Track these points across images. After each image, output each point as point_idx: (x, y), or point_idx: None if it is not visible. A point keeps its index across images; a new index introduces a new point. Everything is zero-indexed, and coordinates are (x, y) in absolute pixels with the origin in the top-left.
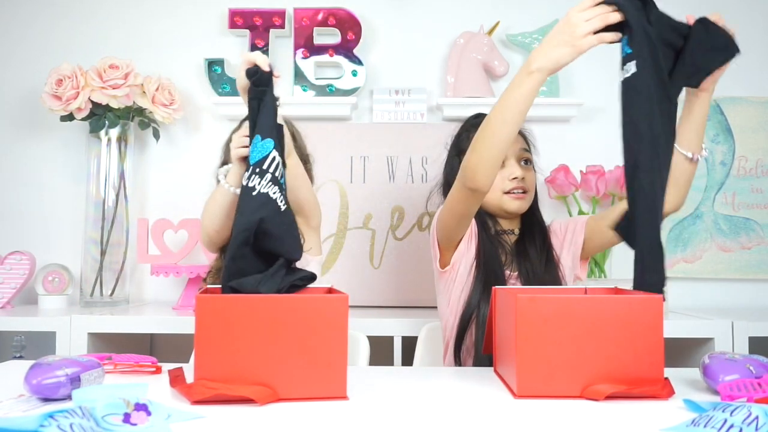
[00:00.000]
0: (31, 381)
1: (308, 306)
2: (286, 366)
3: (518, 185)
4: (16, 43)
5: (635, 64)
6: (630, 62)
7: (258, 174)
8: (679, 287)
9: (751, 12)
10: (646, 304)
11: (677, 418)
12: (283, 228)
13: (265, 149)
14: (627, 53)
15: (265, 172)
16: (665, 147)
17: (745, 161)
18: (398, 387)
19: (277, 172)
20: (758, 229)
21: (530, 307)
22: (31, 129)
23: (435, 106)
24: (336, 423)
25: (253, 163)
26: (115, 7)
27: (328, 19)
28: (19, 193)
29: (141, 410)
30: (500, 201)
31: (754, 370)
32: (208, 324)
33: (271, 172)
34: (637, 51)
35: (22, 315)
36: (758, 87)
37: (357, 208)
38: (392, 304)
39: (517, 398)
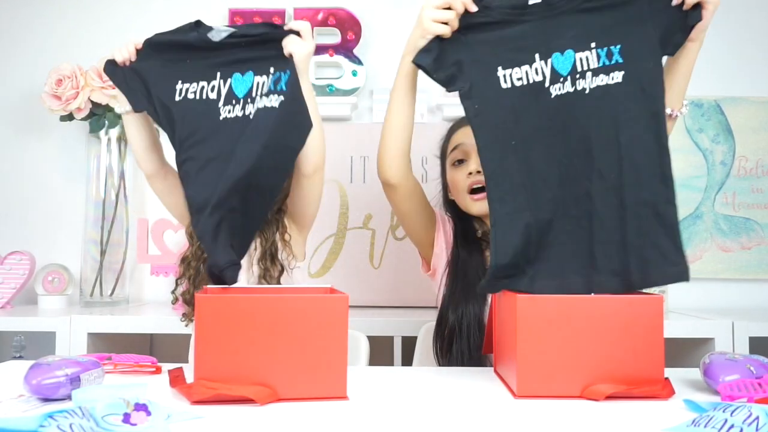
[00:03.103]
0: (31, 381)
1: (308, 306)
2: (286, 366)
3: (475, 180)
4: (16, 43)
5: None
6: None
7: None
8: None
9: (751, 12)
10: (646, 304)
11: (677, 418)
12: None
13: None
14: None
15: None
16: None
17: (746, 161)
18: (398, 387)
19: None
20: (758, 229)
21: (530, 307)
22: (31, 129)
23: (435, 106)
24: (336, 423)
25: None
26: (115, 7)
27: (328, 19)
28: (19, 193)
29: (141, 410)
30: (466, 202)
31: (754, 371)
32: (208, 324)
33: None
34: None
35: (22, 315)
36: (758, 87)
37: (357, 208)
38: (392, 304)
39: (517, 398)
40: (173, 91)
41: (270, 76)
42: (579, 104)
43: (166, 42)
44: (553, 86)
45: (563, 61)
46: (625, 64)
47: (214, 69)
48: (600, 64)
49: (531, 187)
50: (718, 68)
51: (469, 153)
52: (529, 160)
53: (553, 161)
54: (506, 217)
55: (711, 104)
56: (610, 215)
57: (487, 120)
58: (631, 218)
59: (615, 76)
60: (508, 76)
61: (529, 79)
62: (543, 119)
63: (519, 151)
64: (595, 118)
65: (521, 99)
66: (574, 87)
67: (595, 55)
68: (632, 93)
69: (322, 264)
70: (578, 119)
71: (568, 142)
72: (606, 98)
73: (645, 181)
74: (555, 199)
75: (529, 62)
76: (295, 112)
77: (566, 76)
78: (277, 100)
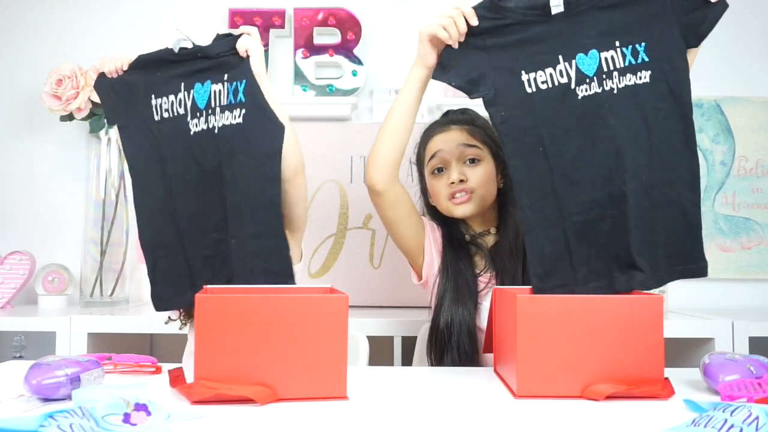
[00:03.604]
0: (31, 381)
1: (308, 306)
2: (286, 366)
3: (456, 189)
4: (16, 43)
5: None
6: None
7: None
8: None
9: (751, 12)
10: (646, 304)
11: (677, 418)
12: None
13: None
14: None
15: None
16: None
17: (746, 161)
18: (398, 387)
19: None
20: (758, 229)
21: (530, 307)
22: (31, 129)
23: (435, 106)
24: (336, 423)
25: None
26: (115, 7)
27: (328, 19)
28: (19, 193)
29: (141, 410)
30: (448, 207)
31: (754, 370)
32: (208, 324)
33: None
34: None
35: (22, 315)
36: (758, 87)
37: (357, 208)
38: (392, 304)
39: (517, 398)
40: (150, 107)
41: (225, 84)
42: (608, 105)
43: (147, 59)
44: (579, 87)
45: (588, 61)
46: (651, 62)
47: (179, 80)
48: (626, 64)
49: (563, 192)
50: (718, 68)
51: (448, 161)
52: (560, 163)
53: (585, 163)
54: (538, 224)
55: (711, 104)
56: (642, 215)
57: (514, 126)
58: (660, 218)
59: (642, 75)
60: (533, 81)
61: (554, 82)
62: (571, 120)
63: (549, 156)
64: (626, 118)
65: (547, 102)
66: (601, 87)
67: (620, 54)
68: (661, 93)
69: (322, 264)
70: (607, 119)
71: (599, 143)
72: (635, 98)
73: (674, 182)
74: (590, 201)
75: (552, 64)
76: (261, 119)
77: (592, 76)
78: (240, 115)
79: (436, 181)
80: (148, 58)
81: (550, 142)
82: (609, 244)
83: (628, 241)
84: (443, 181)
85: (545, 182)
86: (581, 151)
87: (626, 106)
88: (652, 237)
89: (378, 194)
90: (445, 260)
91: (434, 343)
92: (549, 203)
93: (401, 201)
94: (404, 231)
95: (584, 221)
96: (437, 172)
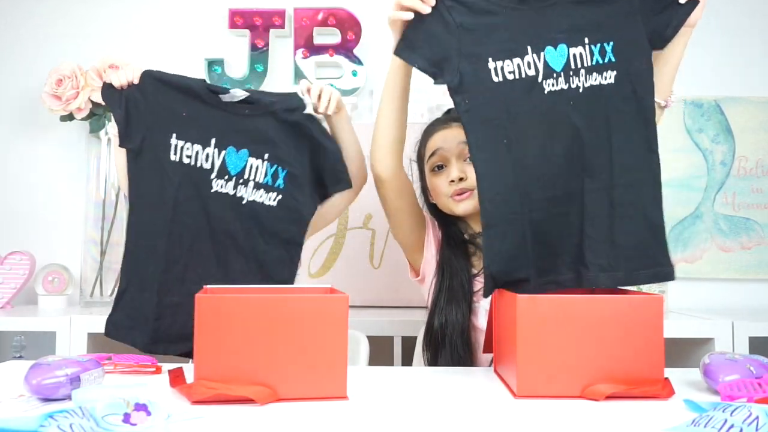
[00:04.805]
0: (31, 381)
1: (308, 306)
2: (286, 366)
3: (457, 188)
4: (15, 43)
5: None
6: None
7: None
8: (679, 287)
9: (751, 12)
10: (646, 304)
11: (677, 418)
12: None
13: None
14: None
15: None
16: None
17: (746, 161)
18: (398, 387)
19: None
20: (758, 229)
21: (530, 307)
22: (31, 129)
23: (435, 106)
24: (336, 423)
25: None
26: (115, 7)
27: (328, 19)
28: (19, 193)
29: (141, 410)
30: (448, 204)
31: (754, 371)
32: (208, 324)
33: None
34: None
35: (22, 315)
36: (758, 87)
37: (357, 208)
38: (392, 304)
39: (517, 398)
40: (168, 145)
41: (264, 163)
42: (573, 102)
43: (172, 83)
44: (546, 81)
45: (557, 56)
46: (617, 63)
47: (210, 134)
48: (593, 63)
49: (524, 187)
50: (718, 68)
51: (448, 159)
52: (522, 158)
53: (546, 160)
54: (499, 219)
55: (711, 104)
56: (600, 214)
57: (477, 116)
58: (620, 217)
59: (608, 75)
60: (500, 69)
61: (521, 73)
62: (536, 115)
63: (512, 149)
64: (588, 118)
65: (513, 94)
66: (568, 84)
67: (588, 52)
68: (625, 95)
69: (322, 264)
70: (571, 117)
71: (561, 140)
72: (599, 99)
73: (635, 183)
74: (548, 198)
75: (520, 54)
76: (292, 209)
77: (560, 72)
78: (274, 199)
79: (436, 179)
80: (174, 83)
81: (514, 135)
82: (563, 243)
83: (582, 239)
84: (443, 178)
85: (508, 177)
86: (544, 147)
87: (590, 105)
88: (610, 236)
89: (383, 182)
90: (442, 259)
91: (429, 343)
92: (512, 198)
93: (406, 191)
94: (406, 222)
95: (542, 219)
96: (437, 169)
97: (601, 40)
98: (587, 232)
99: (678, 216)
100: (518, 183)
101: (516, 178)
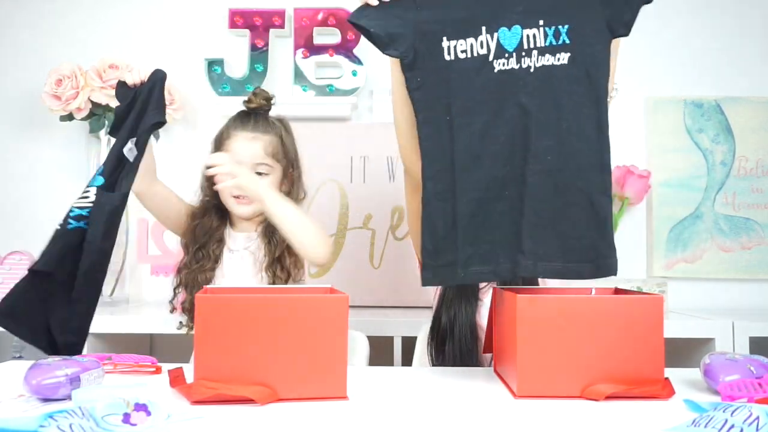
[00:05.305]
0: (31, 381)
1: (308, 306)
2: (286, 366)
3: None
4: (16, 43)
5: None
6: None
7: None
8: (679, 287)
9: (751, 12)
10: (646, 304)
11: (677, 418)
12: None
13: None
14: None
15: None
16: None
17: (746, 161)
18: (398, 387)
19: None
20: (759, 229)
21: (530, 307)
22: (31, 129)
23: None
24: (336, 423)
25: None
26: (115, 7)
27: (328, 19)
28: (19, 193)
29: (141, 410)
30: None
31: (754, 371)
32: (208, 324)
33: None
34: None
35: None
36: (758, 87)
37: (357, 208)
38: (392, 304)
39: (517, 398)
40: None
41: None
42: (522, 82)
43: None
44: (497, 61)
45: (510, 36)
46: (572, 45)
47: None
48: (547, 44)
49: (463, 166)
50: (718, 68)
51: None
52: (465, 136)
53: (490, 139)
54: (435, 197)
55: (711, 104)
56: (543, 199)
57: (427, 93)
58: (564, 205)
59: (561, 57)
60: (452, 48)
61: (473, 53)
62: (483, 94)
63: (454, 127)
64: (537, 98)
65: (463, 72)
66: (519, 64)
67: (542, 34)
68: (577, 76)
69: None
70: (519, 97)
71: (507, 120)
72: (550, 79)
73: (583, 168)
74: (488, 179)
75: (475, 35)
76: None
77: (512, 52)
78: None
79: None
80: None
81: (458, 113)
82: (500, 227)
83: (521, 224)
84: None
85: (447, 155)
86: (488, 127)
87: (540, 85)
88: (551, 224)
89: (416, 174)
90: None
91: (435, 337)
92: (447, 176)
93: None
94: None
95: (479, 199)
96: None
97: (556, 22)
98: (527, 218)
99: (678, 216)
100: (457, 161)
101: (455, 157)
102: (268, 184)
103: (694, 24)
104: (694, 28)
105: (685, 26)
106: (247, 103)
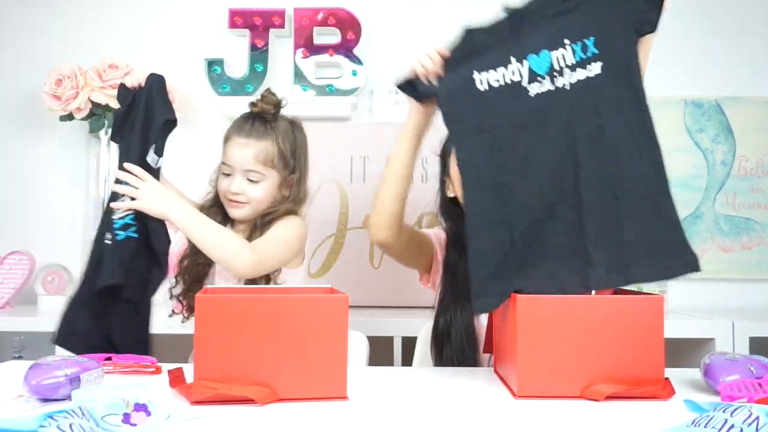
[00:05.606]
0: (31, 381)
1: (308, 306)
2: (286, 366)
3: None
4: (15, 43)
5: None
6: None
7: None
8: (679, 287)
9: (752, 12)
10: (646, 304)
11: (677, 418)
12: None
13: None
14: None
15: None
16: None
17: (746, 161)
18: (398, 387)
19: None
20: (759, 229)
21: (530, 308)
22: (31, 129)
23: None
24: (336, 423)
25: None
26: (115, 7)
27: (328, 19)
28: (18, 193)
29: (141, 410)
30: None
31: (754, 371)
32: (208, 324)
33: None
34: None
35: (21, 315)
36: (758, 87)
37: (357, 208)
38: (392, 304)
39: (517, 398)
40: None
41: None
42: (560, 101)
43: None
44: (531, 85)
45: (539, 61)
46: (600, 54)
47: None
48: (577, 59)
49: (511, 189)
50: (718, 68)
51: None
52: (509, 160)
53: (535, 160)
54: (483, 223)
55: (711, 104)
56: (602, 209)
57: (463, 124)
58: (626, 211)
59: (592, 68)
60: (485, 80)
61: (506, 80)
62: (523, 117)
63: (495, 151)
64: (578, 111)
65: (499, 100)
66: (554, 85)
67: (570, 51)
68: (613, 82)
69: (322, 264)
70: (560, 115)
71: (551, 139)
72: (588, 91)
73: (637, 172)
74: (539, 198)
75: (504, 64)
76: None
77: (545, 75)
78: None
79: None
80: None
81: (499, 140)
82: (561, 246)
83: (583, 236)
84: None
85: (493, 180)
86: (532, 148)
87: (580, 99)
88: (616, 229)
89: (390, 247)
90: (448, 258)
91: (435, 340)
92: (495, 202)
93: (411, 241)
94: (416, 261)
95: (533, 221)
96: None
97: (581, 37)
98: (589, 230)
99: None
100: (503, 186)
101: (501, 182)
102: (261, 188)
103: (694, 24)
104: (694, 28)
105: (685, 26)
106: (251, 105)
